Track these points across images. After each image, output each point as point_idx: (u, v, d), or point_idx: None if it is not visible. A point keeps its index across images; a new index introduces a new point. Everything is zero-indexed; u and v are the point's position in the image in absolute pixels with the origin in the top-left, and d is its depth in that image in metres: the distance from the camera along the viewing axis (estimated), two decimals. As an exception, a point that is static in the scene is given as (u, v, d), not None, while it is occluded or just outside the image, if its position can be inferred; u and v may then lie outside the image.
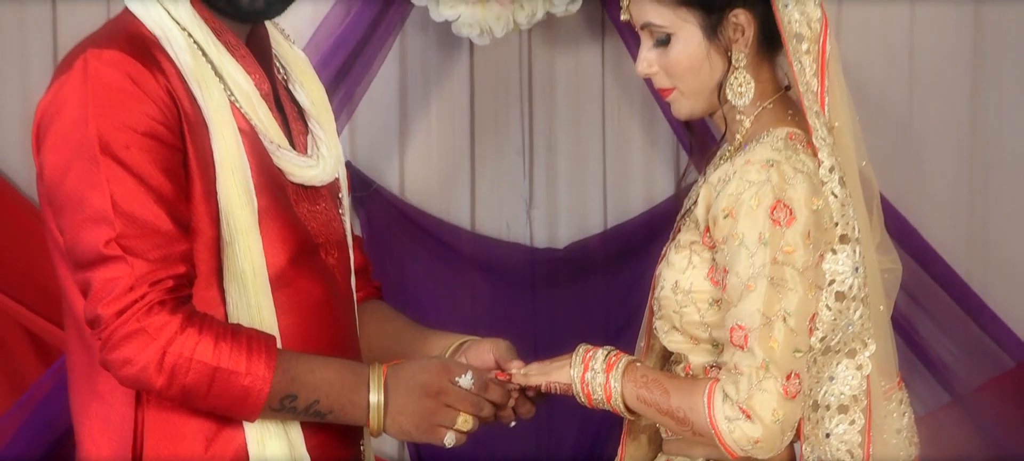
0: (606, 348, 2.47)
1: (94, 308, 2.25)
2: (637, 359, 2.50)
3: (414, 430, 2.39)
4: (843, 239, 2.39)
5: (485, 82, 3.97)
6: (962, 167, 4.04)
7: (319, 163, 2.48)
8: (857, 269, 2.40)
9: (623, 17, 2.51)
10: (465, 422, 2.40)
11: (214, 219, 2.33)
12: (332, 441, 2.43)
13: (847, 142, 2.45)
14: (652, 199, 4.00)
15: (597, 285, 3.96)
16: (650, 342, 2.58)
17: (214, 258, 2.34)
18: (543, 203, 4.01)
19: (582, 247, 4.00)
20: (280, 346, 2.35)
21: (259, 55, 2.47)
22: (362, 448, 2.53)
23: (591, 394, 2.44)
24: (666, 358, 2.56)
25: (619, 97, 4.00)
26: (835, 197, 2.38)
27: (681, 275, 2.44)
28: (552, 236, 4.02)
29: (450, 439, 2.40)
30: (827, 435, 2.45)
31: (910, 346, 3.85)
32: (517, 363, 2.52)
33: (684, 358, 2.48)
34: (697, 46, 2.44)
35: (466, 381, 2.40)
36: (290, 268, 2.39)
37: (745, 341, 2.32)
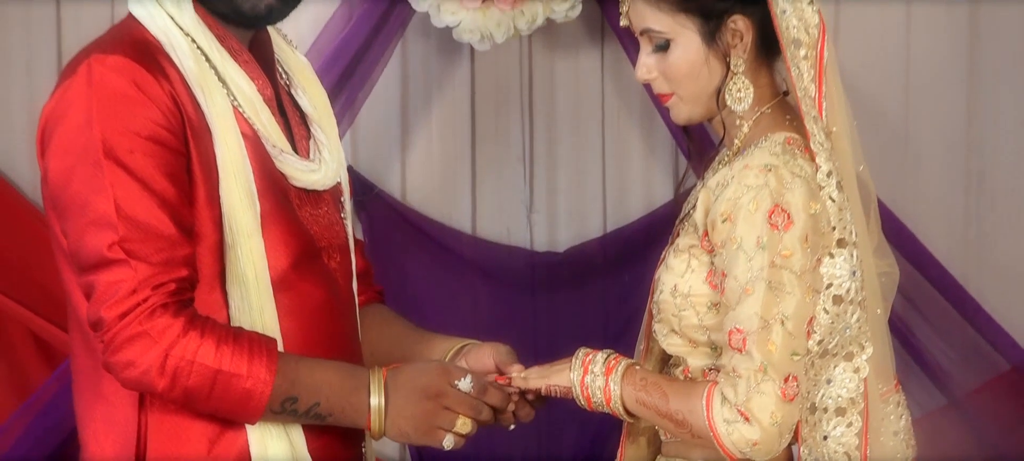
0: (605, 351, 2.47)
1: (97, 311, 2.25)
2: (636, 362, 2.50)
3: (413, 432, 2.39)
4: (840, 243, 2.39)
5: (486, 87, 3.95)
6: (958, 172, 4.03)
7: (321, 167, 2.48)
8: (854, 273, 2.40)
9: (623, 23, 2.51)
10: (463, 425, 2.40)
11: (217, 223, 2.33)
12: (334, 443, 2.43)
13: (844, 147, 2.45)
14: (651, 203, 3.99)
15: (596, 289, 3.94)
16: (649, 345, 2.58)
17: (217, 262, 2.34)
18: (543, 207, 4.00)
19: (582, 251, 3.98)
20: (281, 349, 2.35)
21: (262, 60, 2.47)
22: (363, 450, 2.53)
23: (591, 397, 2.45)
24: (665, 361, 2.56)
25: (618, 102, 3.99)
26: (833, 201, 2.38)
27: (680, 279, 2.44)
28: (552, 240, 4.01)
29: (449, 442, 2.41)
30: (825, 437, 2.45)
31: (907, 349, 3.84)
32: (517, 367, 2.52)
33: (683, 361, 2.48)
34: (696, 51, 2.44)
35: (465, 385, 2.40)
36: (292, 272, 2.39)
37: (743, 344, 2.32)
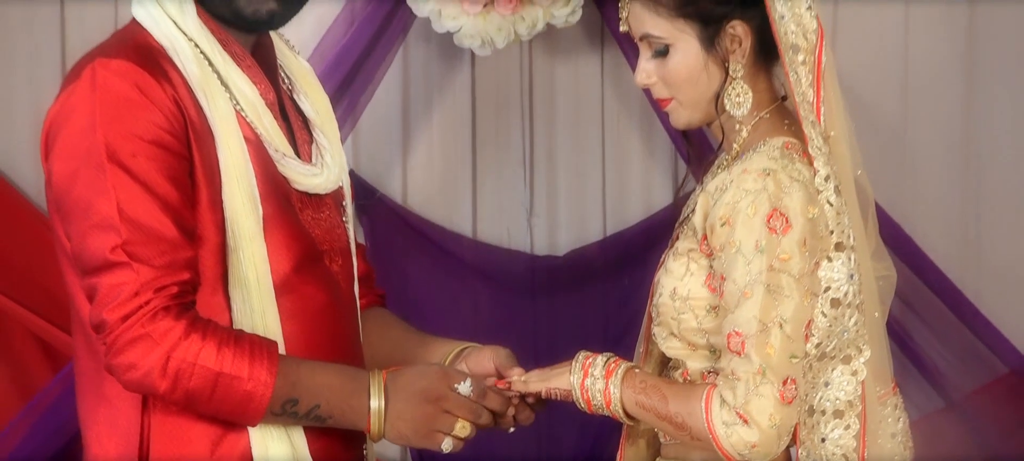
0: (605, 354, 2.47)
1: (99, 313, 2.26)
2: (636, 365, 2.50)
3: (413, 435, 2.39)
4: (838, 247, 2.39)
5: (486, 92, 3.95)
6: (955, 175, 4.04)
7: (323, 171, 2.48)
8: (852, 276, 2.40)
9: (622, 28, 2.51)
10: (463, 429, 2.41)
11: (219, 226, 2.34)
12: (335, 444, 2.44)
13: (842, 151, 2.45)
14: (650, 207, 3.99)
15: (596, 292, 3.94)
16: (648, 348, 2.58)
17: (219, 265, 2.34)
18: (543, 211, 4.00)
19: (582, 254, 3.98)
20: (283, 352, 2.36)
21: (264, 65, 2.47)
22: (365, 452, 2.53)
23: (590, 400, 2.45)
24: (664, 364, 2.56)
25: (618, 107, 3.99)
26: (831, 205, 2.38)
27: (679, 282, 2.44)
28: (552, 243, 4.01)
29: (447, 445, 2.41)
30: (823, 440, 2.45)
31: (904, 352, 3.84)
32: (517, 370, 2.53)
33: (682, 364, 2.49)
34: (695, 57, 2.45)
35: (465, 388, 2.41)
36: (294, 275, 2.39)
37: (742, 347, 2.33)
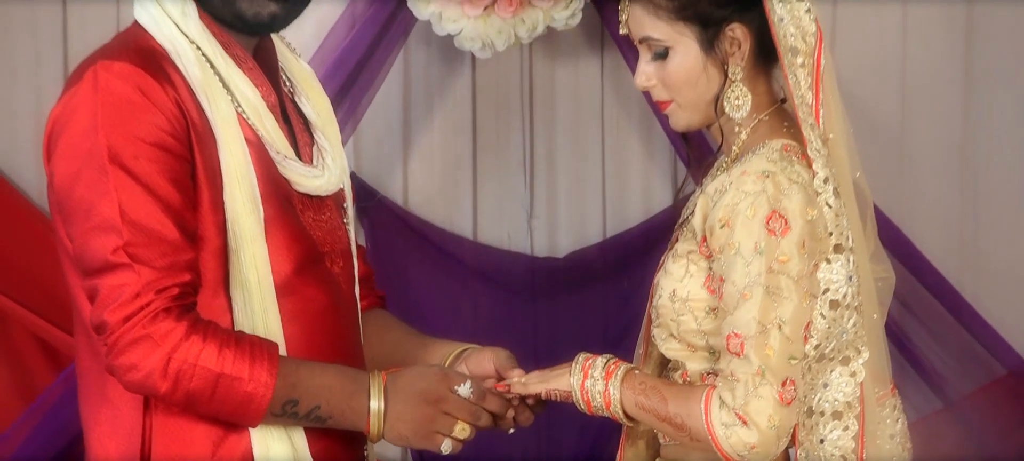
0: (605, 356, 2.48)
1: (100, 314, 2.26)
2: (635, 367, 2.50)
3: (412, 436, 2.40)
4: (837, 249, 2.40)
5: (487, 94, 3.95)
6: (954, 177, 4.03)
7: (324, 173, 2.49)
8: (851, 278, 2.41)
9: (622, 31, 2.51)
10: (462, 430, 2.41)
11: (221, 228, 2.34)
12: (336, 445, 2.44)
13: (841, 154, 2.46)
14: (650, 209, 3.99)
15: (596, 294, 3.94)
16: (648, 350, 2.59)
17: (221, 266, 2.35)
18: (543, 213, 3.99)
19: (581, 256, 3.98)
20: (284, 353, 2.36)
21: (266, 67, 2.48)
22: (365, 452, 2.53)
23: (590, 401, 2.45)
24: (664, 365, 2.57)
25: (618, 109, 3.98)
26: (829, 208, 2.39)
27: (678, 284, 2.45)
28: (552, 245, 4.00)
29: (447, 446, 2.41)
30: (821, 441, 2.46)
31: (903, 353, 3.84)
32: (517, 372, 2.53)
33: (681, 365, 2.49)
34: (694, 59, 2.45)
35: (465, 390, 2.41)
36: (295, 276, 2.40)
37: (741, 348, 2.33)
